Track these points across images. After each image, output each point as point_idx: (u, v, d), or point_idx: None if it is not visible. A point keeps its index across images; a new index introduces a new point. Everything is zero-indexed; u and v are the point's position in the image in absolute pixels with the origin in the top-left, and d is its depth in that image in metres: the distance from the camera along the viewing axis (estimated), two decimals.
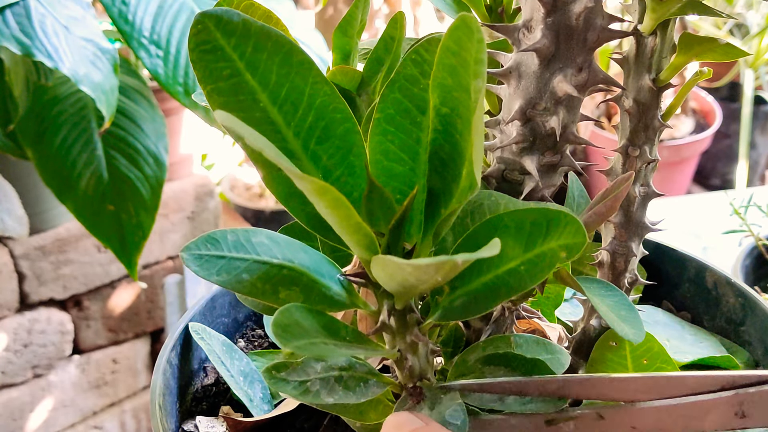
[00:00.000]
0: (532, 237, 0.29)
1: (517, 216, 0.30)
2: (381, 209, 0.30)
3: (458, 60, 0.27)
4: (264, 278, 0.30)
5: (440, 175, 0.30)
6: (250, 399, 0.44)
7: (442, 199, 0.30)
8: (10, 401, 1.22)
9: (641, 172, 0.43)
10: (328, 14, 1.75)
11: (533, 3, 0.35)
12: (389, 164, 0.31)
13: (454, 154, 0.29)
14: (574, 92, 0.35)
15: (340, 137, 0.31)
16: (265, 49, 0.29)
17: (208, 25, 0.28)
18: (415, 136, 0.31)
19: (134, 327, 1.36)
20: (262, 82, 0.29)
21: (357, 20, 0.42)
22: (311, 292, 0.31)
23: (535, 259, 0.29)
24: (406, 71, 0.31)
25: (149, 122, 1.01)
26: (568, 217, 0.28)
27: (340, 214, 0.27)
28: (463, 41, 0.27)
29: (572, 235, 0.28)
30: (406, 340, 0.32)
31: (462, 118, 0.28)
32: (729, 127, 1.72)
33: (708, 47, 0.40)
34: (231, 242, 0.31)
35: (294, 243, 0.32)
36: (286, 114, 0.30)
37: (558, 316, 0.49)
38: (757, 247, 0.73)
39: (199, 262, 0.30)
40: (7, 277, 1.16)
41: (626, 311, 0.36)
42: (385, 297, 0.31)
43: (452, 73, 0.28)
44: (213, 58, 0.29)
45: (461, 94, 0.28)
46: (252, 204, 1.58)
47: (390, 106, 0.31)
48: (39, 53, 0.78)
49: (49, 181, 0.95)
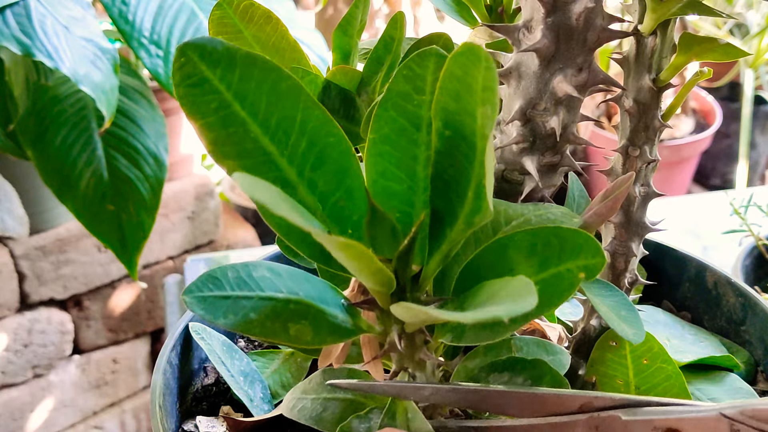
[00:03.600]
0: (545, 258, 0.28)
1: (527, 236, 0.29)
2: (384, 234, 0.29)
3: (463, 86, 0.27)
4: (272, 316, 0.29)
5: (444, 197, 0.30)
6: (251, 399, 0.44)
7: (446, 221, 0.30)
8: (11, 401, 1.22)
9: (641, 172, 0.43)
10: (328, 14, 1.75)
11: (533, 3, 0.35)
12: (387, 183, 0.31)
13: (459, 176, 0.29)
14: (574, 92, 0.35)
15: (335, 161, 0.30)
16: (252, 78, 0.28)
17: (191, 57, 0.28)
18: (412, 153, 0.31)
19: (134, 327, 1.36)
20: (251, 112, 0.29)
21: (357, 20, 0.42)
22: (320, 325, 0.30)
23: (551, 280, 0.28)
24: (398, 87, 0.30)
25: (149, 122, 1.01)
26: (584, 236, 0.28)
27: (362, 264, 0.26)
28: (469, 67, 0.26)
29: (591, 256, 0.28)
30: (414, 359, 0.32)
31: (467, 140, 0.28)
32: (729, 126, 1.72)
33: (708, 47, 0.40)
34: (232, 279, 0.30)
35: (295, 273, 0.31)
36: (279, 143, 0.29)
37: (558, 316, 0.49)
38: (757, 247, 0.73)
39: (203, 305, 0.29)
40: (7, 277, 1.16)
41: (626, 311, 0.36)
42: (396, 322, 0.31)
43: (456, 98, 0.27)
44: (200, 91, 0.28)
45: (465, 118, 0.27)
46: (252, 204, 1.58)
47: (384, 125, 0.30)
48: (39, 53, 0.78)
49: (49, 181, 0.95)
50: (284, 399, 0.36)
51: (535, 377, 0.34)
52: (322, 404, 0.34)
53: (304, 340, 0.30)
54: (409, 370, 0.32)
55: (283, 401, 0.36)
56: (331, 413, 0.34)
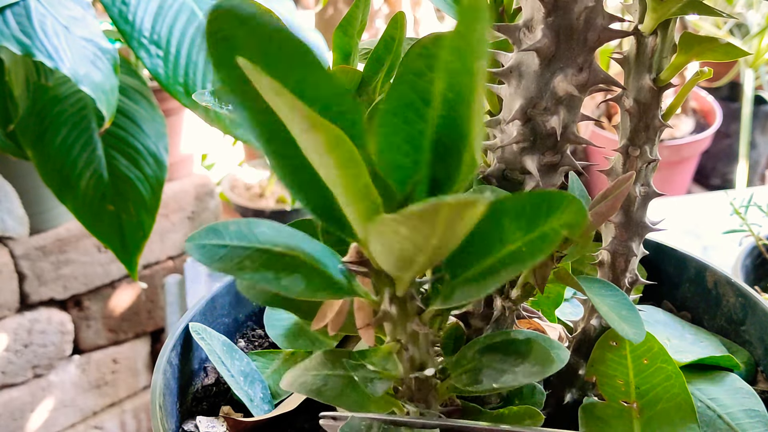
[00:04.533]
0: (533, 218, 0.29)
1: (517, 200, 0.30)
2: (383, 197, 0.30)
3: (464, 42, 0.27)
4: (266, 264, 0.31)
5: (444, 163, 0.31)
6: (251, 399, 0.44)
7: (444, 188, 0.31)
8: (11, 401, 1.22)
9: (642, 171, 0.43)
10: (328, 14, 1.75)
11: (534, 3, 0.35)
12: (393, 156, 0.32)
13: (457, 138, 0.30)
14: (574, 92, 0.35)
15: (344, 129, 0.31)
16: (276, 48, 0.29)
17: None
18: (419, 128, 0.31)
19: (134, 327, 1.36)
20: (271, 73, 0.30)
21: (357, 20, 0.42)
22: (312, 279, 0.31)
23: (536, 240, 0.29)
24: (412, 64, 0.31)
25: (149, 122, 1.01)
26: (568, 197, 0.29)
27: (349, 172, 0.27)
28: (470, 22, 0.27)
29: (573, 213, 0.28)
30: (406, 329, 0.32)
31: (465, 102, 0.29)
32: (729, 126, 1.72)
33: (708, 47, 0.40)
34: (233, 232, 0.31)
35: (296, 234, 0.33)
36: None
37: (558, 316, 0.49)
38: (757, 247, 0.73)
39: (202, 250, 0.31)
40: (7, 277, 1.16)
41: (627, 311, 0.36)
42: (386, 284, 0.32)
43: (459, 56, 0.28)
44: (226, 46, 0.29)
45: (466, 77, 0.28)
46: (252, 204, 1.58)
47: (395, 98, 0.31)
48: (39, 53, 0.78)
49: (49, 181, 0.95)
50: (284, 376, 0.36)
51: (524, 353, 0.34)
52: (323, 379, 0.35)
53: (295, 291, 0.31)
54: (401, 341, 0.33)
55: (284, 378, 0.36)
56: (331, 387, 0.35)
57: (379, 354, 0.33)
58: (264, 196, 1.61)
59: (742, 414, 0.43)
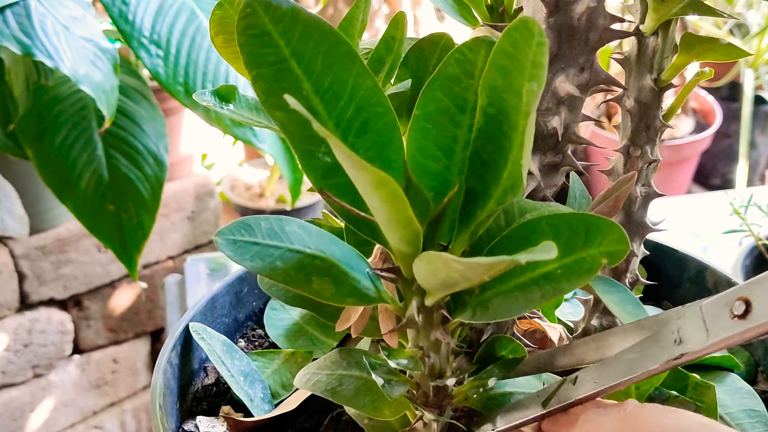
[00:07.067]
0: (570, 242, 0.29)
1: (555, 220, 0.29)
2: (417, 205, 0.30)
3: (512, 62, 0.27)
4: (297, 267, 0.31)
5: (479, 176, 0.30)
6: (251, 399, 0.44)
7: (479, 200, 0.30)
8: (11, 401, 1.22)
9: (642, 172, 0.43)
10: (328, 14, 1.75)
11: (535, 3, 0.35)
12: (425, 161, 0.32)
13: (496, 155, 0.29)
14: (576, 92, 0.35)
15: (379, 131, 0.31)
16: (312, 38, 0.29)
17: (256, 9, 0.28)
18: (453, 134, 0.31)
19: (134, 327, 1.36)
20: (306, 70, 0.29)
21: (357, 20, 0.42)
22: (342, 284, 0.31)
23: (573, 264, 0.29)
24: (448, 70, 0.31)
25: (149, 122, 1.01)
26: (609, 224, 0.28)
27: (394, 207, 0.27)
28: (520, 44, 0.26)
29: (615, 243, 0.28)
30: (430, 338, 0.32)
31: (509, 119, 0.28)
32: (729, 126, 1.72)
33: (709, 47, 0.40)
34: (265, 229, 0.31)
35: (324, 234, 0.32)
36: (327, 104, 0.30)
37: (558, 316, 0.49)
38: (757, 247, 0.73)
39: (233, 247, 0.30)
40: (7, 277, 1.16)
41: (632, 306, 0.37)
42: (417, 294, 0.31)
43: (504, 74, 0.28)
44: (259, 43, 0.29)
45: (511, 96, 0.28)
46: (252, 204, 1.58)
47: (430, 103, 0.31)
48: (39, 53, 0.78)
49: (49, 181, 0.95)
50: (297, 375, 0.36)
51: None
52: (338, 379, 0.35)
53: (325, 295, 0.31)
54: (423, 348, 0.32)
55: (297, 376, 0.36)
56: (346, 388, 0.35)
57: (404, 355, 0.33)
58: (264, 196, 1.61)
59: (742, 414, 0.43)
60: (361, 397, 0.34)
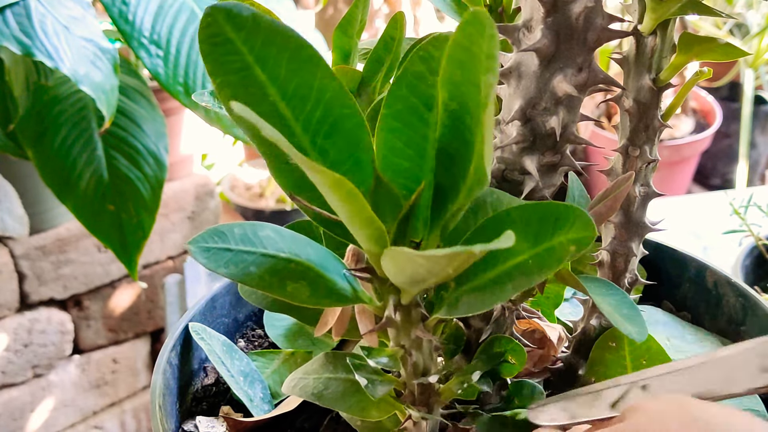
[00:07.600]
0: (540, 232, 0.29)
1: (524, 211, 0.30)
2: (387, 204, 0.30)
3: (468, 55, 0.27)
4: (271, 271, 0.31)
5: (448, 171, 0.30)
6: (250, 399, 0.44)
7: (449, 195, 0.31)
8: (11, 401, 1.22)
9: (641, 171, 0.43)
10: (328, 14, 1.75)
11: (533, 3, 0.35)
12: (396, 160, 0.32)
13: (462, 149, 0.29)
14: (574, 92, 0.35)
15: (347, 132, 0.31)
16: (274, 44, 0.29)
17: (217, 18, 0.28)
18: (422, 132, 0.31)
19: (134, 327, 1.36)
20: (271, 76, 0.29)
21: (357, 20, 0.42)
22: (318, 287, 0.31)
23: (543, 254, 0.29)
24: (413, 68, 0.31)
25: (149, 122, 1.01)
26: (577, 212, 0.28)
27: (353, 207, 0.27)
28: (474, 36, 0.27)
29: (582, 229, 0.28)
30: (410, 336, 0.32)
31: (471, 113, 0.28)
32: (729, 126, 1.72)
33: (708, 47, 0.40)
34: (238, 235, 0.31)
35: (300, 238, 0.32)
36: (294, 108, 0.30)
37: (558, 316, 0.49)
38: (757, 247, 0.73)
39: (206, 254, 0.30)
40: (7, 277, 1.16)
41: (628, 310, 0.36)
42: (391, 292, 0.32)
43: (461, 67, 0.28)
44: (223, 50, 0.29)
45: (470, 88, 0.28)
46: (252, 204, 1.58)
47: (397, 102, 0.31)
48: (39, 53, 0.78)
49: (49, 181, 0.95)
50: (286, 380, 0.36)
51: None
52: (324, 383, 0.35)
53: (301, 298, 0.31)
54: (405, 346, 0.32)
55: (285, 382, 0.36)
56: (332, 391, 0.35)
57: (384, 353, 0.33)
58: (264, 196, 1.61)
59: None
60: (347, 399, 0.34)
